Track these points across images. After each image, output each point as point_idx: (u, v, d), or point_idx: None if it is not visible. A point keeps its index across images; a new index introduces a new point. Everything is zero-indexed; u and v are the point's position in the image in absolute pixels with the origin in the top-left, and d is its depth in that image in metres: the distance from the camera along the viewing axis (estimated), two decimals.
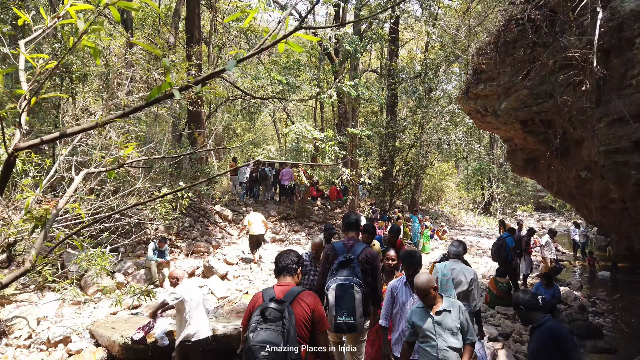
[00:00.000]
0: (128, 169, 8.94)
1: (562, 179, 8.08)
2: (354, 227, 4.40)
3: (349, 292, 3.85)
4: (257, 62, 21.23)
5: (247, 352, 2.72)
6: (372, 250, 4.30)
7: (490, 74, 8.01)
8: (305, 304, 3.00)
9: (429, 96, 17.67)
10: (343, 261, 4.01)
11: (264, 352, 2.67)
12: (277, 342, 2.71)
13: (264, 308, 2.85)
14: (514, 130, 8.03)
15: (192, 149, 14.00)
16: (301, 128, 12.98)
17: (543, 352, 3.43)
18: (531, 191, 38.51)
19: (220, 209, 14.64)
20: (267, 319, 2.80)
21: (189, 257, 11.56)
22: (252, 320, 2.83)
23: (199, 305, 5.17)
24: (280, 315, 2.82)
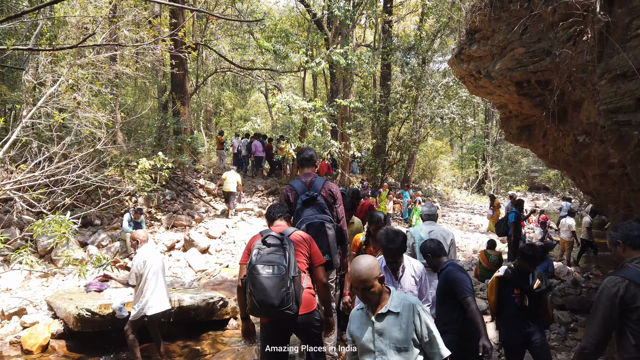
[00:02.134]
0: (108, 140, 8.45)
1: (557, 146, 7.60)
2: (309, 162, 4.03)
3: (321, 230, 3.67)
4: (248, 35, 20.47)
5: (251, 271, 2.88)
6: (332, 183, 4.03)
7: (485, 32, 7.45)
8: (301, 238, 3.21)
9: (423, 68, 17.06)
10: (306, 199, 3.74)
11: (268, 269, 2.87)
12: (280, 261, 2.92)
13: (266, 236, 3.08)
14: (509, 93, 7.51)
15: (175, 119, 13.45)
16: (288, 98, 12.43)
17: (440, 295, 3.56)
18: (525, 171, 38.40)
19: (204, 183, 14.15)
20: (269, 245, 3.03)
21: (170, 231, 11.11)
22: (254, 248, 3.02)
23: (157, 273, 4.72)
24: (281, 243, 3.04)
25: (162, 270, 4.86)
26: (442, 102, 17.07)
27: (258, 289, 2.83)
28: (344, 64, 12.77)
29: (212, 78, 25.66)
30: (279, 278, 2.85)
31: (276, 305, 2.82)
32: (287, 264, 2.92)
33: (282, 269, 2.88)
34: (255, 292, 2.84)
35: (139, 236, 4.88)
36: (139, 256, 4.70)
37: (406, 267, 3.41)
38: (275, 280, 2.84)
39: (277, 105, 12.51)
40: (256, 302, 2.84)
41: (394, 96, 17.68)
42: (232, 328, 5.82)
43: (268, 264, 2.90)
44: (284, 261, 2.92)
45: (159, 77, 18.43)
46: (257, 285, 2.84)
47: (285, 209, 3.53)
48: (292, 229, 3.28)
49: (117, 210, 10.91)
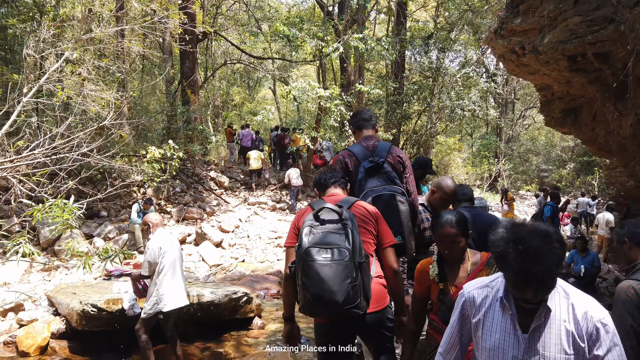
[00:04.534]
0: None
1: (611, 129, 6.89)
2: (368, 123, 3.13)
3: (391, 204, 2.77)
4: (257, 30, 19.83)
5: (304, 256, 2.17)
6: (398, 149, 3.13)
7: (531, 2, 6.75)
8: (366, 210, 2.46)
9: (442, 56, 16.33)
10: (370, 167, 2.84)
11: (326, 253, 2.16)
12: (341, 243, 2.19)
13: (318, 209, 2.33)
14: (558, 70, 6.80)
15: (186, 108, 12.81)
16: (304, 84, 11.75)
17: None
18: (535, 170, 37.64)
19: (215, 175, 13.48)
20: (323, 221, 2.29)
21: (180, 224, 10.46)
22: (304, 227, 2.27)
23: (174, 263, 4.05)
24: (340, 217, 2.28)
25: (180, 260, 4.19)
26: (463, 92, 16.32)
27: (314, 281, 2.13)
28: (363, 49, 12.07)
29: (220, 72, 25.05)
30: (341, 265, 2.13)
31: (339, 303, 2.10)
32: (351, 245, 2.18)
33: (344, 253, 2.15)
34: (310, 285, 2.14)
35: (151, 220, 4.21)
36: (153, 242, 4.03)
37: (556, 309, 1.50)
38: (336, 269, 2.13)
39: (292, 93, 11.82)
40: (311, 298, 2.15)
41: (411, 87, 16.95)
42: (258, 328, 5.11)
43: (325, 246, 2.17)
44: (346, 242, 2.18)
45: (167, 67, 17.81)
46: (312, 276, 2.13)
47: (340, 174, 2.70)
48: (353, 199, 2.52)
49: (125, 201, 10.26)
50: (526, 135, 37.84)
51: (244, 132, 16.53)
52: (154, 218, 4.25)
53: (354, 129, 3.24)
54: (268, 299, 6.19)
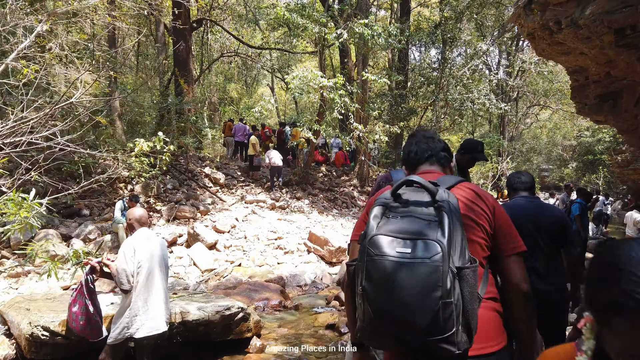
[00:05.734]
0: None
1: None
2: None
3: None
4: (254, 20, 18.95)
5: (368, 249, 1.37)
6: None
7: None
8: (475, 195, 1.63)
9: (450, 47, 15.45)
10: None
11: (404, 247, 1.32)
12: (429, 233, 1.34)
13: (400, 184, 1.51)
14: (599, 47, 5.95)
15: (179, 99, 11.96)
16: (306, 73, 10.87)
17: None
18: (536, 170, 37.07)
19: (210, 172, 12.58)
20: (406, 202, 1.46)
21: (171, 224, 9.56)
22: (374, 206, 1.49)
23: (152, 274, 3.17)
24: (432, 199, 1.44)
25: (162, 270, 3.29)
26: (472, 86, 15.46)
27: (379, 288, 1.32)
28: (369, 35, 11.19)
29: (217, 67, 24.18)
30: (428, 268, 1.29)
31: (421, 328, 1.26)
32: (447, 239, 1.33)
33: (434, 249, 1.31)
34: (374, 294, 1.33)
35: (133, 215, 3.34)
36: (127, 243, 3.16)
37: None
38: (419, 272, 1.29)
39: (294, 83, 10.94)
40: (373, 314, 1.33)
41: (418, 79, 16.08)
42: (256, 350, 4.20)
43: (404, 236, 1.35)
44: (438, 233, 1.34)
45: (161, 58, 16.93)
46: (377, 280, 1.33)
47: (440, 145, 1.91)
48: (457, 178, 1.71)
49: (109, 199, 9.36)
50: (529, 133, 37.23)
51: (237, 126, 15.75)
52: (137, 214, 3.37)
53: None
54: (268, 311, 5.29)
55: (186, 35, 13.24)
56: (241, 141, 15.73)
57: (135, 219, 3.31)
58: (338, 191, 14.76)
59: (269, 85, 34.39)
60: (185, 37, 13.25)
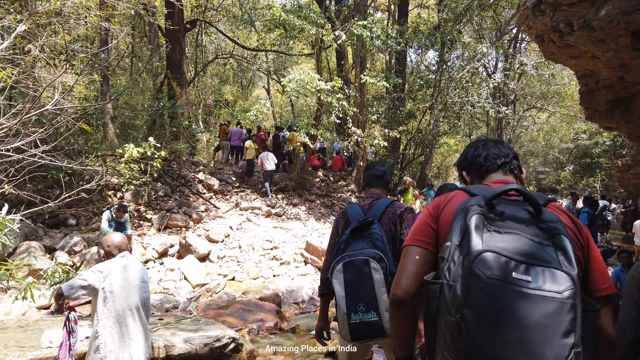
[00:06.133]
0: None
1: None
2: (378, 181, 2.81)
3: (363, 271, 2.27)
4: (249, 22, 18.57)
5: (474, 270, 1.14)
6: (401, 204, 2.73)
7: None
8: (570, 221, 1.42)
9: (449, 50, 15.13)
10: (357, 227, 2.43)
11: (522, 273, 1.12)
12: (552, 261, 1.15)
13: (495, 195, 1.31)
14: (613, 51, 5.63)
15: (171, 102, 11.59)
16: (303, 76, 10.53)
17: None
18: (533, 172, 36.98)
19: (204, 178, 12.19)
20: (501, 215, 1.27)
21: (162, 233, 9.18)
22: (470, 214, 1.27)
23: (127, 312, 2.79)
24: (536, 218, 1.26)
25: (141, 300, 2.91)
26: (472, 89, 15.13)
27: (487, 318, 1.13)
28: (368, 36, 10.86)
29: (212, 69, 23.81)
30: (557, 305, 1.10)
31: None
32: (577, 271, 1.16)
33: (564, 282, 1.13)
34: (479, 326, 1.13)
35: (112, 242, 2.96)
36: (101, 266, 2.79)
37: None
38: (546, 310, 1.10)
39: (290, 86, 10.59)
40: (474, 351, 1.14)
41: (417, 81, 15.75)
42: None
43: (520, 258, 1.16)
44: (563, 262, 1.16)
45: (153, 60, 16.55)
46: (483, 308, 1.13)
47: (512, 152, 1.68)
48: (544, 196, 1.43)
49: (97, 207, 8.97)
50: (526, 136, 37.15)
51: (233, 130, 15.44)
52: (115, 240, 2.98)
53: (364, 184, 2.93)
54: (263, 334, 4.90)
55: (179, 37, 12.87)
56: (237, 145, 15.40)
57: (114, 245, 2.93)
58: (335, 197, 14.40)
59: (264, 87, 34.04)
60: (178, 39, 12.88)
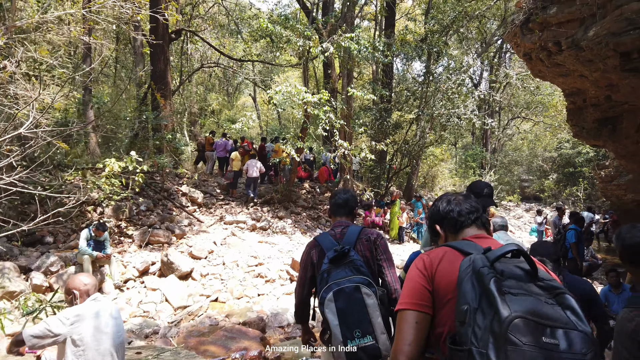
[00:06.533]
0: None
1: None
2: (343, 210, 2.92)
3: (355, 297, 2.37)
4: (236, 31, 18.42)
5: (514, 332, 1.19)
6: (371, 229, 2.84)
7: None
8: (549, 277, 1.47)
9: (436, 61, 15.16)
10: (335, 256, 2.51)
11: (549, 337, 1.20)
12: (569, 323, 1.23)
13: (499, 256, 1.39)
14: (602, 70, 5.60)
15: (155, 114, 11.35)
16: (289, 88, 10.39)
17: None
18: (517, 180, 37.33)
19: (188, 190, 11.94)
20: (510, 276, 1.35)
21: (143, 250, 8.91)
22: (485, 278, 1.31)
23: (98, 353, 2.59)
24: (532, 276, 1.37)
25: (115, 353, 2.69)
26: (458, 100, 15.17)
27: None
28: (356, 49, 10.79)
29: (198, 77, 23.57)
30: None
31: None
32: (589, 328, 1.25)
33: (587, 343, 1.20)
34: None
35: (78, 286, 2.74)
36: (58, 322, 2.57)
37: None
38: None
39: (276, 98, 10.45)
40: None
41: (404, 92, 15.74)
42: None
43: (544, 321, 1.22)
44: (578, 322, 1.24)
45: (138, 70, 16.28)
46: None
47: (478, 205, 1.85)
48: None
49: (76, 223, 8.67)
50: (511, 145, 37.57)
51: (219, 141, 15.24)
52: (82, 283, 2.76)
53: (330, 213, 3.06)
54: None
55: (164, 47, 12.64)
56: (222, 156, 15.19)
57: (83, 290, 2.72)
58: (322, 209, 14.26)
59: (251, 94, 33.82)
60: (163, 49, 12.66)
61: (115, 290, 7.20)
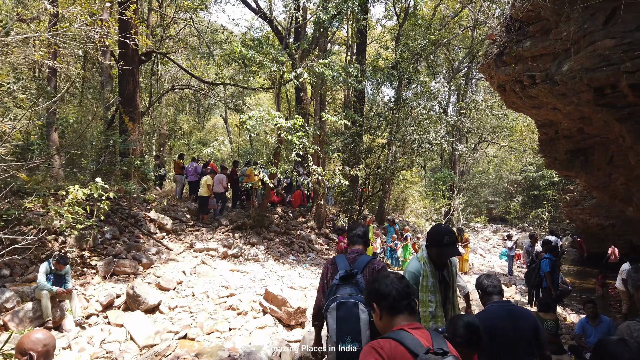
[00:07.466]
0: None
1: (634, 176, 5.82)
2: (360, 240, 3.66)
3: (353, 311, 3.00)
4: (208, 53, 18.25)
5: None
6: (378, 261, 3.50)
7: (545, 24, 5.65)
8: None
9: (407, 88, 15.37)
10: (344, 275, 3.17)
11: None
12: None
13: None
14: (575, 104, 5.69)
15: (122, 138, 10.99)
16: (263, 113, 10.26)
17: None
18: (484, 202, 38.09)
19: (157, 217, 11.52)
20: None
21: (108, 281, 8.46)
22: None
23: None
24: None
25: None
26: (429, 126, 15.39)
27: None
28: (329, 75, 10.79)
29: (168, 98, 23.17)
30: None
31: None
32: None
33: None
34: None
35: (34, 346, 2.42)
36: None
37: None
38: None
39: (249, 123, 10.28)
40: None
41: (376, 117, 15.85)
42: None
43: None
44: None
45: (106, 91, 15.84)
46: None
47: (408, 289, 2.26)
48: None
49: (35, 255, 8.16)
50: (478, 168, 38.41)
51: (188, 167, 14.87)
52: (39, 343, 2.45)
53: (349, 241, 3.71)
54: None
55: (133, 69, 12.35)
56: (194, 180, 14.80)
57: (41, 352, 2.39)
58: (295, 234, 14.03)
59: (222, 116, 33.50)
60: (132, 71, 12.35)
61: (76, 327, 6.75)
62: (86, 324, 6.91)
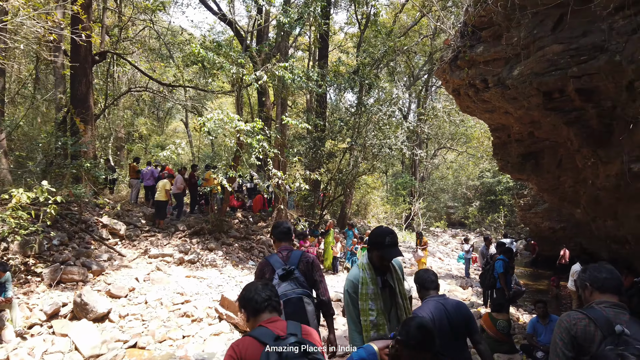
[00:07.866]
0: None
1: (583, 178, 6.03)
2: (287, 236, 3.81)
3: (299, 305, 3.28)
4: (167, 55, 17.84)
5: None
6: (309, 254, 3.74)
7: (497, 29, 5.79)
8: None
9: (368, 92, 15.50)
10: (283, 274, 3.38)
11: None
12: None
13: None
14: (526, 108, 5.86)
15: (73, 140, 10.54)
16: (222, 116, 10.07)
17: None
18: (444, 207, 38.92)
19: (109, 222, 11.06)
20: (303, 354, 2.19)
21: (54, 289, 8.02)
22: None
23: None
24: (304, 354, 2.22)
25: None
26: (390, 132, 15.56)
27: None
28: (290, 79, 10.73)
29: (125, 100, 22.49)
30: None
31: None
32: None
33: None
34: None
35: None
36: None
37: None
38: None
39: (208, 126, 10.06)
40: None
41: (337, 122, 15.89)
42: None
43: None
44: None
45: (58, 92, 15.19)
46: None
47: (270, 293, 2.46)
48: None
49: None
50: (437, 174, 39.21)
51: (144, 171, 14.42)
52: None
53: (274, 239, 3.86)
54: None
55: (86, 69, 11.89)
56: (150, 185, 14.35)
57: None
58: (255, 239, 13.82)
59: (182, 120, 32.81)
60: (85, 71, 11.89)
61: (17, 338, 6.35)
62: (28, 335, 6.52)
